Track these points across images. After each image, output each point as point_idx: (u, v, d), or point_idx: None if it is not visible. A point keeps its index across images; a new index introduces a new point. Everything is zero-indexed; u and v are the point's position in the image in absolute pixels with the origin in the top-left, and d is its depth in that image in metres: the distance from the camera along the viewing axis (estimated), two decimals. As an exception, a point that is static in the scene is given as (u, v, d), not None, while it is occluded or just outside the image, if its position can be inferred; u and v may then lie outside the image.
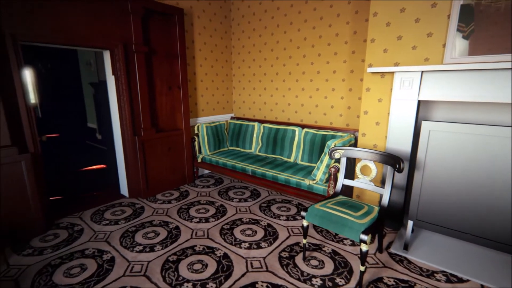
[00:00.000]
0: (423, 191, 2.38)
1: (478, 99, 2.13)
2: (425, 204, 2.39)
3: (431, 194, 2.35)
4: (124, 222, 2.90)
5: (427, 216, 2.39)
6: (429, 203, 2.37)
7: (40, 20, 2.51)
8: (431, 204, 2.36)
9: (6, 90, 2.38)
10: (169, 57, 3.63)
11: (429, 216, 2.38)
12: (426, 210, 2.39)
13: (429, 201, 2.36)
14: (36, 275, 2.09)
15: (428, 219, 2.39)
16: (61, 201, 3.42)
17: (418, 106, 2.48)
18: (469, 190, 2.18)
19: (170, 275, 2.08)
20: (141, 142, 3.36)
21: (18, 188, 2.47)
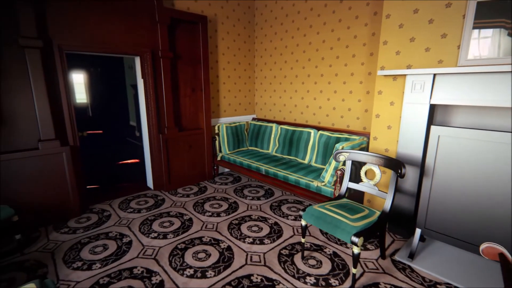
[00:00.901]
0: (432, 199, 2.28)
1: (496, 104, 1.99)
2: (434, 213, 2.29)
3: (440, 203, 2.25)
4: (145, 211, 3.21)
5: (436, 225, 2.28)
6: (438, 211, 2.26)
7: (82, 32, 2.91)
8: (440, 213, 2.26)
9: (53, 92, 2.81)
10: (193, 61, 3.90)
11: (438, 225, 2.27)
12: (435, 218, 2.29)
13: (438, 209, 2.26)
14: (68, 250, 2.44)
15: (437, 229, 2.28)
16: (97, 190, 3.88)
17: (432, 110, 2.37)
18: (481, 200, 2.05)
19: (176, 261, 2.29)
20: (165, 139, 3.67)
21: (59, 176, 2.89)
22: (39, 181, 2.76)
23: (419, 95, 2.35)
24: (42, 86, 2.67)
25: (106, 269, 2.20)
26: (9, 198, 2.58)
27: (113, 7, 3.05)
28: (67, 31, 2.82)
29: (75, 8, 2.83)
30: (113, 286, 2.00)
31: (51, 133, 2.79)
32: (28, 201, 2.70)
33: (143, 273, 2.15)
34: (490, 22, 2.00)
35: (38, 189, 2.76)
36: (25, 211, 2.67)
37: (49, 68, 2.76)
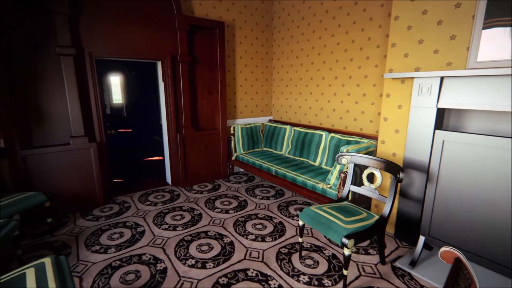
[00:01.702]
0: (436, 206, 2.21)
1: (507, 109, 1.88)
2: (438, 220, 2.21)
3: (444, 210, 2.17)
4: (161, 205, 3.46)
5: (440, 233, 2.20)
6: (442, 219, 2.18)
7: (110, 40, 3.23)
8: (444, 221, 2.17)
9: (83, 94, 3.16)
10: (210, 65, 4.10)
11: (442, 234, 2.19)
12: (439, 226, 2.21)
13: (442, 217, 2.18)
14: (90, 235, 2.74)
15: (440, 237, 2.20)
16: (122, 183, 4.24)
17: (439, 114, 2.29)
18: (487, 208, 1.95)
19: (180, 251, 2.47)
20: (182, 138, 3.91)
21: (87, 169, 3.23)
22: (70, 173, 3.12)
23: (426, 99, 2.29)
24: (74, 89, 3.02)
25: (119, 253, 2.44)
26: (43, 186, 2.95)
27: (137, 17, 3.34)
28: (96, 39, 3.15)
29: (104, 19, 3.15)
30: (122, 269, 2.22)
31: (81, 131, 3.14)
32: (60, 190, 3.07)
33: (150, 259, 2.35)
34: (501, 20, 1.90)
35: (68, 180, 3.12)
36: (57, 198, 3.03)
37: (81, 73, 3.11)
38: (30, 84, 2.89)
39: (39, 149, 2.92)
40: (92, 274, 2.17)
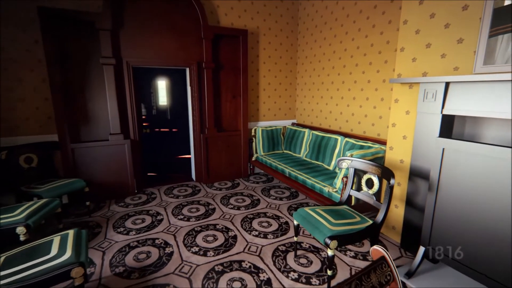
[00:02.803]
0: (436, 216, 2.12)
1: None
2: (437, 232, 2.12)
3: (444, 221, 2.07)
4: (182, 198, 3.81)
5: (439, 244, 2.11)
6: (442, 230, 2.09)
7: (144, 50, 3.70)
8: (443, 232, 2.08)
9: (121, 97, 3.67)
10: (234, 70, 4.37)
11: (441, 245, 2.09)
12: (438, 238, 2.11)
13: (442, 228, 2.08)
14: (118, 219, 3.19)
15: (439, 248, 2.10)
16: (154, 177, 4.73)
17: (449, 121, 2.19)
18: (489, 223, 1.82)
19: (188, 239, 2.75)
20: (205, 138, 4.24)
21: (122, 162, 3.74)
22: (108, 165, 3.64)
23: (431, 105, 2.21)
24: (113, 93, 3.53)
25: (138, 236, 2.81)
26: (87, 175, 3.51)
27: (169, 28, 3.76)
28: (133, 50, 3.64)
29: (140, 32, 3.62)
30: (137, 249, 2.57)
31: (117, 129, 3.65)
32: (99, 178, 3.61)
33: (161, 244, 2.67)
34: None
35: (106, 171, 3.65)
36: (97, 186, 3.57)
37: (120, 79, 3.62)
38: (80, 89, 3.47)
39: (84, 143, 3.49)
40: (113, 251, 2.56)
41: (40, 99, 3.37)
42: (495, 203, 1.78)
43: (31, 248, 1.75)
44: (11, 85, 3.22)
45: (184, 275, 2.22)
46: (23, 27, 3.17)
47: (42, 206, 2.42)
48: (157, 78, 7.14)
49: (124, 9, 3.49)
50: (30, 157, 3.14)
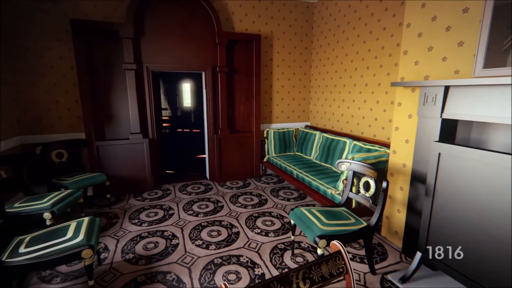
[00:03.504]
0: (433, 221, 2.08)
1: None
2: (434, 238, 2.08)
3: (439, 227, 2.03)
4: (194, 195, 4.03)
5: (436, 251, 2.07)
6: (438, 236, 2.05)
7: (163, 56, 3.98)
8: (440, 239, 2.04)
9: (141, 100, 3.97)
10: (248, 74, 4.52)
11: (437, 252, 2.05)
12: (434, 244, 2.08)
13: (438, 234, 2.05)
14: (134, 212, 3.46)
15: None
16: (172, 174, 5.02)
17: (450, 125, 2.15)
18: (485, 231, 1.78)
19: (194, 233, 2.93)
20: (218, 139, 4.44)
21: (140, 160, 4.04)
22: (128, 162, 3.96)
23: (430, 109, 2.18)
24: (134, 96, 3.84)
25: (149, 228, 3.05)
26: (109, 170, 3.85)
27: (186, 35, 4.01)
28: (153, 56, 3.93)
29: (160, 39, 3.90)
30: (147, 239, 2.80)
31: (137, 128, 3.96)
32: (120, 174, 3.93)
33: (169, 236, 2.88)
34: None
35: (127, 167, 3.97)
36: (118, 180, 3.90)
37: (140, 83, 3.93)
38: (105, 92, 3.83)
39: (108, 141, 3.83)
40: (126, 239, 2.81)
41: (71, 101, 3.77)
42: (493, 211, 1.73)
43: (52, 231, 2.02)
44: (48, 89, 3.64)
45: (185, 265, 2.39)
46: (58, 37, 3.58)
47: (66, 196, 2.73)
48: (182, 81, 7.50)
49: (145, 19, 3.79)
50: (61, 153, 3.53)
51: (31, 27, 3.46)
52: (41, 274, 2.27)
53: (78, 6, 3.58)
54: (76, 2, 3.57)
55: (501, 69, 1.80)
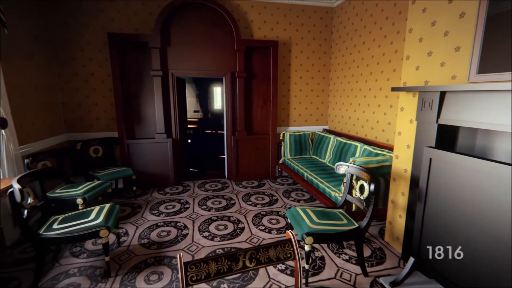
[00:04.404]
0: (425, 227, 2.07)
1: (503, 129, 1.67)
2: (426, 243, 2.07)
3: (432, 232, 2.02)
4: (211, 192, 4.32)
5: (427, 257, 2.06)
6: (430, 242, 2.04)
7: (188, 62, 4.35)
8: (432, 245, 2.02)
9: (166, 103, 4.38)
10: (265, 78, 4.72)
11: (429, 259, 2.04)
12: (426, 250, 2.06)
13: (430, 240, 2.03)
14: (155, 204, 3.85)
15: (428, 262, 2.05)
16: (194, 172, 5.39)
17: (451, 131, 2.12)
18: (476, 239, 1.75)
19: (203, 226, 3.19)
20: (236, 140, 4.69)
21: (164, 157, 4.44)
22: (153, 159, 4.39)
23: (428, 114, 2.17)
24: (160, 99, 4.26)
25: (166, 218, 3.38)
26: (137, 165, 4.30)
27: (208, 43, 4.34)
28: (178, 62, 4.32)
29: (185, 47, 4.28)
30: (162, 228, 3.13)
31: (162, 129, 4.37)
32: (147, 169, 4.37)
33: (181, 226, 3.18)
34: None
35: (152, 163, 4.40)
36: (144, 175, 4.34)
37: (166, 88, 4.34)
38: (135, 96, 4.30)
39: (137, 140, 4.29)
40: (144, 227, 3.17)
41: (108, 104, 4.30)
42: (483, 217, 1.71)
43: (80, 213, 2.41)
44: (89, 93, 4.21)
45: (190, 253, 2.65)
46: (98, 48, 4.13)
47: (97, 185, 3.17)
48: (213, 85, 7.92)
49: (171, 29, 4.19)
50: (97, 149, 4.05)
51: (78, 40, 4.05)
52: (72, 249, 2.70)
53: (114, 20, 4.10)
54: (113, 16, 4.09)
55: (496, 75, 1.77)
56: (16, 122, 2.98)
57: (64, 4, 3.90)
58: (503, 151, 1.89)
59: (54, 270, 2.39)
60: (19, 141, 3.00)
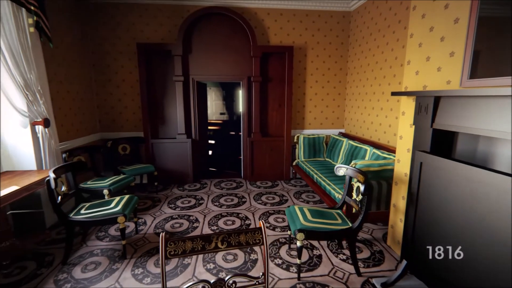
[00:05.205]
0: (416, 230, 2.09)
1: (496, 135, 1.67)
2: (418, 246, 2.09)
3: (422, 235, 2.04)
4: (225, 190, 4.57)
5: (419, 261, 2.07)
6: (421, 246, 2.06)
7: (208, 68, 4.66)
8: (423, 248, 2.04)
9: (187, 106, 4.73)
10: (281, 82, 4.87)
11: (421, 263, 2.06)
12: (418, 253, 2.08)
13: (422, 244, 2.05)
14: (173, 198, 4.18)
15: (419, 266, 2.07)
16: (213, 171, 5.70)
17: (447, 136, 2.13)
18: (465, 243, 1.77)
19: (213, 221, 3.44)
20: (251, 142, 4.90)
21: (184, 157, 4.79)
22: (174, 157, 4.76)
23: (423, 118, 2.19)
24: (181, 103, 4.61)
25: (180, 212, 3.69)
26: (159, 163, 4.69)
27: (227, 50, 4.62)
28: (198, 68, 4.65)
29: (205, 54, 4.60)
30: (175, 220, 3.43)
31: (182, 130, 4.72)
32: (168, 167, 4.75)
33: (193, 220, 3.45)
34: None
35: (173, 162, 4.76)
36: (165, 172, 4.72)
37: (186, 92, 4.69)
38: (159, 99, 4.71)
39: (160, 140, 4.69)
40: (161, 218, 3.49)
41: (136, 107, 4.76)
42: (474, 223, 1.72)
43: (103, 201, 2.78)
44: (120, 97, 4.70)
45: (197, 243, 2.90)
46: (129, 57, 4.60)
47: (121, 179, 3.57)
48: (239, 89, 8.23)
49: (192, 38, 4.53)
50: (125, 147, 4.51)
51: (112, 50, 4.55)
52: (97, 234, 3.09)
53: (143, 31, 4.54)
54: (142, 28, 4.53)
55: (486, 80, 1.77)
56: (58, 122, 3.47)
57: (102, 21, 4.42)
58: (505, 158, 1.87)
59: (82, 249, 2.78)
60: (59, 138, 3.49)
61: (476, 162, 1.94)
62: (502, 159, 1.82)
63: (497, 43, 1.70)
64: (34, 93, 2.93)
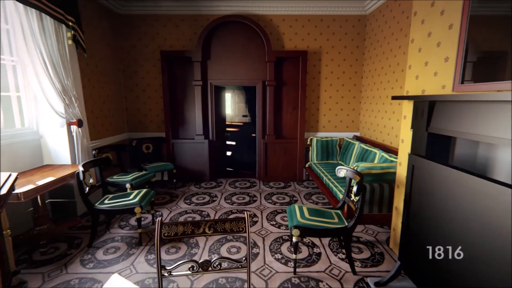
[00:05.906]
0: (409, 232, 2.13)
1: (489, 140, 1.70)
2: (411, 248, 2.13)
3: (414, 239, 2.08)
4: (239, 189, 4.78)
5: (412, 263, 2.11)
6: (414, 247, 2.10)
7: (225, 73, 4.94)
8: (415, 250, 2.08)
9: (205, 108, 5.03)
10: (295, 86, 5.00)
11: (412, 264, 2.10)
12: (411, 254, 2.12)
13: (413, 245, 2.09)
14: (189, 195, 4.48)
15: (412, 267, 2.11)
16: (230, 171, 5.95)
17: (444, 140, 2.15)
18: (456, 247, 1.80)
19: (223, 216, 3.66)
20: (265, 143, 5.07)
21: (202, 156, 5.09)
22: (192, 157, 5.08)
23: (420, 122, 2.23)
24: (199, 106, 4.92)
25: (194, 207, 3.96)
26: (179, 161, 5.04)
27: (244, 55, 4.87)
28: (216, 73, 4.94)
29: (223, 60, 4.88)
30: (188, 214, 3.71)
31: (200, 131, 5.03)
32: (187, 166, 5.08)
33: (205, 215, 3.70)
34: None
35: (190, 161, 5.08)
36: (184, 170, 5.05)
37: (205, 95, 4.99)
38: (180, 102, 5.06)
39: (180, 140, 5.04)
40: (176, 212, 3.79)
41: (159, 109, 5.16)
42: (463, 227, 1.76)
43: (124, 194, 3.12)
44: (145, 100, 5.12)
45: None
46: (154, 64, 5.01)
47: (142, 175, 3.93)
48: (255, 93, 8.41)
49: (211, 45, 4.83)
50: (149, 146, 4.91)
51: (140, 58, 4.99)
52: (120, 223, 3.45)
53: (166, 40, 4.93)
54: (165, 37, 4.92)
55: (477, 85, 1.80)
56: (89, 123, 3.92)
57: (130, 31, 4.88)
58: (505, 163, 1.86)
59: (105, 236, 3.13)
60: (91, 137, 3.93)
61: (475, 167, 1.95)
62: (501, 165, 1.83)
63: (488, 50, 1.73)
64: (70, 97, 3.36)
